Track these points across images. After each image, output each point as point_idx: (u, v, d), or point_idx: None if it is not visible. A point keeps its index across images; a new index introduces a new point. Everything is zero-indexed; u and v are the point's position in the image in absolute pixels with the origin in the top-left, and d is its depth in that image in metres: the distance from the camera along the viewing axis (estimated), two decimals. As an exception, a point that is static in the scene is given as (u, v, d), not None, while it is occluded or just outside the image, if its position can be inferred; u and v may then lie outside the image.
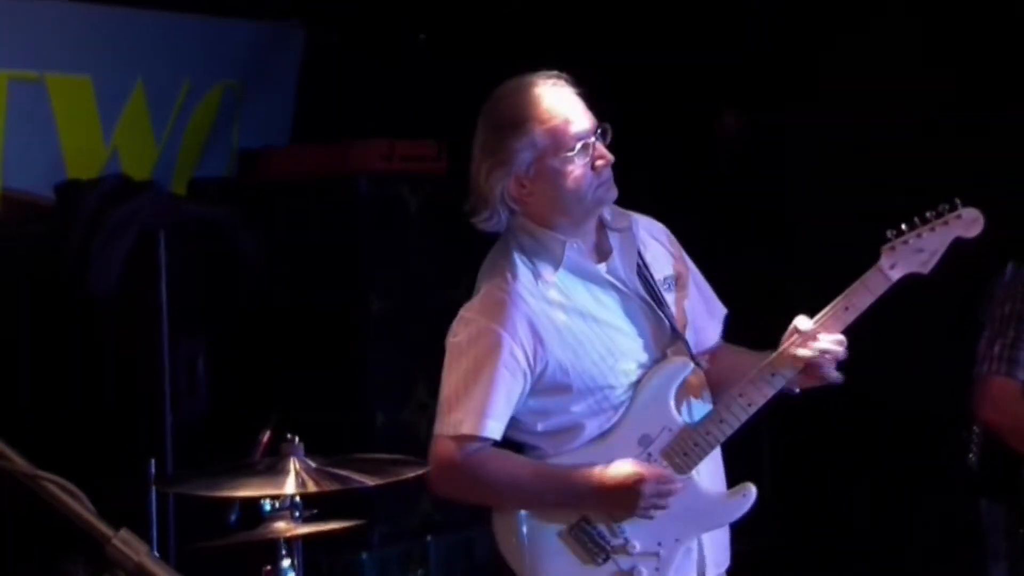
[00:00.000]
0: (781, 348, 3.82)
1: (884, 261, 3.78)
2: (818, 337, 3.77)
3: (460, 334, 3.85)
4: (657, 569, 3.81)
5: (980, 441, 4.89)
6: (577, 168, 3.75)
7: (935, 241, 3.79)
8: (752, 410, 3.80)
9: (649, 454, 3.80)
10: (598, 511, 3.81)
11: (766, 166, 7.04)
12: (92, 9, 6.18)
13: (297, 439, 3.98)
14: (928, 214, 3.78)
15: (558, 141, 3.75)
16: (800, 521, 6.79)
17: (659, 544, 3.81)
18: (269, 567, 3.97)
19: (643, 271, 3.88)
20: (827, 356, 3.78)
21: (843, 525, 6.80)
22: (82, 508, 2.04)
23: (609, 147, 3.81)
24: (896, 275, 3.79)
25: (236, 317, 6.15)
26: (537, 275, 3.82)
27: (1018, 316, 4.75)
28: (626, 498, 3.74)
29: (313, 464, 3.94)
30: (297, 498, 3.95)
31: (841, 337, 3.79)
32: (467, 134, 3.98)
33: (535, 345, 3.77)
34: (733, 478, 3.97)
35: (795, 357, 3.79)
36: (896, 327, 5.04)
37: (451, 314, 3.96)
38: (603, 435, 3.84)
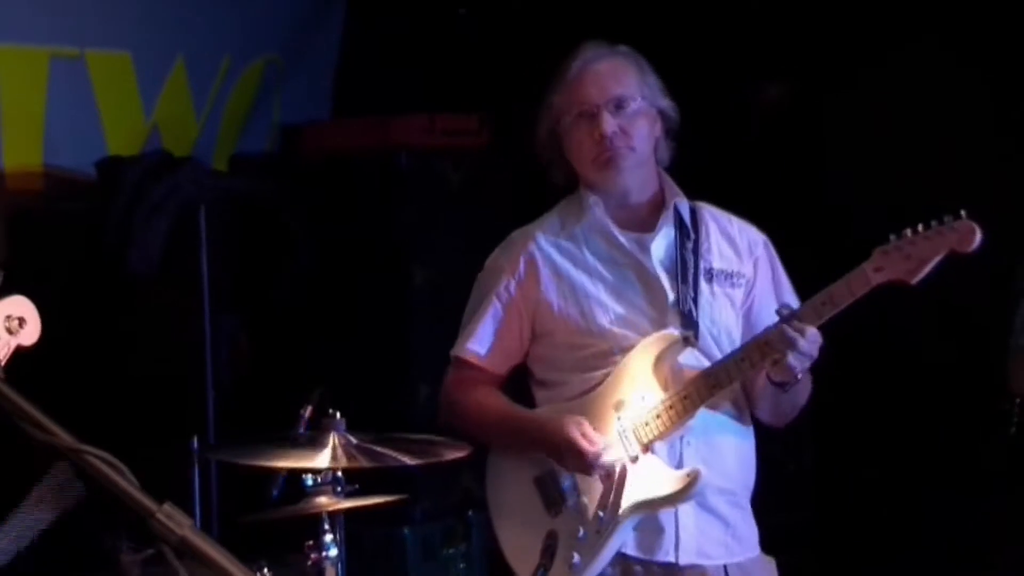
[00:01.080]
0: (757, 335, 3.81)
1: (871, 263, 3.71)
2: (791, 326, 3.70)
3: (480, 274, 4.13)
4: (596, 532, 3.81)
5: (1021, 413, 4.87)
6: (577, 135, 3.92)
7: (925, 250, 3.67)
8: (716, 391, 3.79)
9: (619, 419, 3.83)
10: (544, 452, 3.88)
11: (806, 140, 6.99)
12: (132, -15, 6.19)
13: (339, 414, 3.99)
14: (933, 222, 3.68)
15: (564, 106, 3.94)
16: (842, 496, 6.78)
17: (601, 509, 3.81)
18: (311, 541, 3.97)
19: (684, 253, 3.92)
20: (791, 347, 3.69)
21: (887, 502, 6.77)
22: (126, 482, 2.04)
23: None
24: (878, 279, 3.70)
25: (278, 292, 6.15)
26: (563, 226, 4.00)
27: None
28: (565, 453, 3.80)
29: (354, 439, 3.94)
30: (339, 473, 3.95)
31: (814, 331, 3.71)
32: (508, 107, 4.03)
33: (529, 284, 3.95)
34: (774, 455, 3.96)
35: (761, 344, 3.75)
36: (939, 304, 5.01)
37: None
38: (583, 393, 3.90)
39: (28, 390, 2.17)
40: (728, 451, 3.94)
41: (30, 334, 2.30)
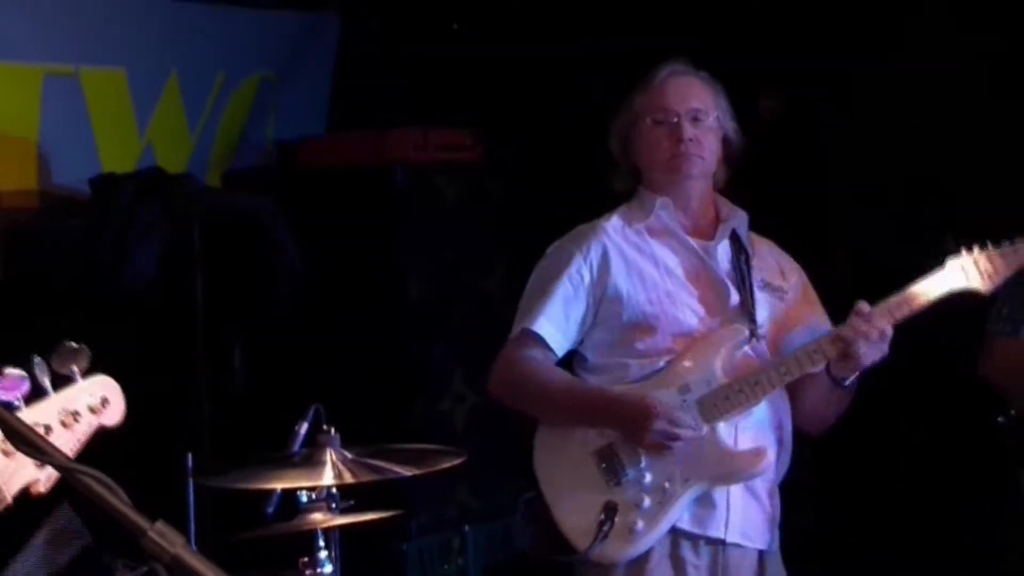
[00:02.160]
0: (836, 328, 3.99)
1: (948, 269, 3.98)
2: (863, 323, 3.91)
3: (542, 260, 4.21)
4: (660, 503, 3.96)
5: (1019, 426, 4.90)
6: (655, 136, 4.11)
7: (1001, 265, 3.99)
8: (787, 379, 3.99)
9: (684, 401, 3.98)
10: (614, 432, 3.99)
11: (805, 151, 7.00)
12: (126, 2, 6.19)
13: (333, 430, 3.99)
14: (1004, 241, 3.98)
15: (647, 108, 4.13)
16: (843, 501, 6.78)
17: (668, 481, 3.96)
18: (306, 558, 3.97)
19: (740, 263, 4.14)
20: (864, 339, 3.91)
21: (891, 508, 6.77)
22: (118, 501, 2.03)
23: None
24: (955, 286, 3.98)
25: (273, 309, 6.15)
26: (629, 222, 4.16)
27: None
28: (637, 426, 3.92)
29: (349, 455, 3.94)
30: (334, 489, 3.95)
31: (885, 327, 3.93)
32: (502, 122, 4.06)
33: (602, 269, 4.08)
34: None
35: (834, 336, 3.95)
36: (941, 308, 5.03)
37: (487, 303, 4.02)
38: (646, 377, 4.03)
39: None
40: (774, 444, 4.09)
41: (112, 415, 2.35)
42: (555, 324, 4.07)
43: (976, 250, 4.00)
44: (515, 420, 4.17)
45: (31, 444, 2.07)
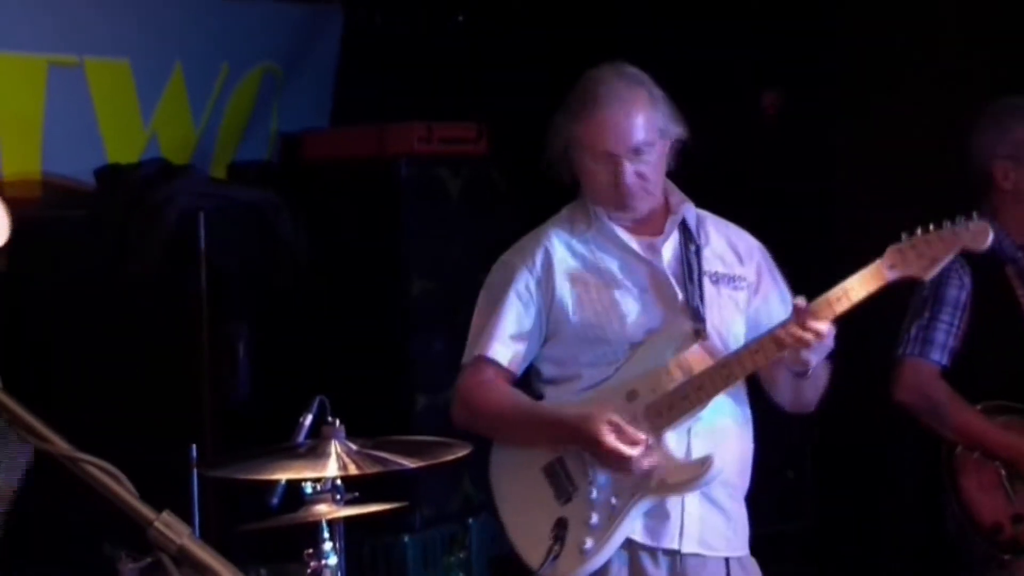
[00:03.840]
0: (772, 327, 3.91)
1: (885, 260, 3.87)
2: (798, 329, 3.82)
3: (489, 276, 4.19)
4: (608, 519, 3.92)
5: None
6: (597, 173, 4.03)
7: (939, 248, 3.86)
8: (732, 381, 3.92)
9: (633, 408, 3.93)
10: (568, 447, 3.96)
11: (810, 147, 6.99)
12: (130, -8, 6.19)
13: (338, 422, 3.99)
14: (944, 222, 3.86)
15: (582, 143, 4.02)
16: (842, 505, 6.76)
17: (615, 496, 3.92)
18: (311, 550, 3.96)
19: (688, 256, 4.03)
20: (805, 342, 3.82)
21: (888, 510, 6.76)
22: (124, 491, 2.03)
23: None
24: (892, 275, 3.87)
25: (277, 300, 6.14)
26: (572, 230, 4.11)
27: (934, 298, 4.79)
28: (588, 439, 3.88)
29: (354, 446, 3.94)
30: (338, 481, 3.95)
31: (825, 326, 3.83)
32: (506, 115, 4.05)
33: (547, 282, 4.04)
34: (774, 464, 4.01)
35: (776, 337, 3.86)
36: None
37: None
38: (595, 385, 4.00)
39: (27, 398, 2.16)
40: (731, 446, 4.04)
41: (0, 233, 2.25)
42: (507, 345, 4.05)
43: (911, 236, 3.88)
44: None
45: (33, 431, 2.07)
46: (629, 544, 3.95)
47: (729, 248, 4.15)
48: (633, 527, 3.93)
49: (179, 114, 6.43)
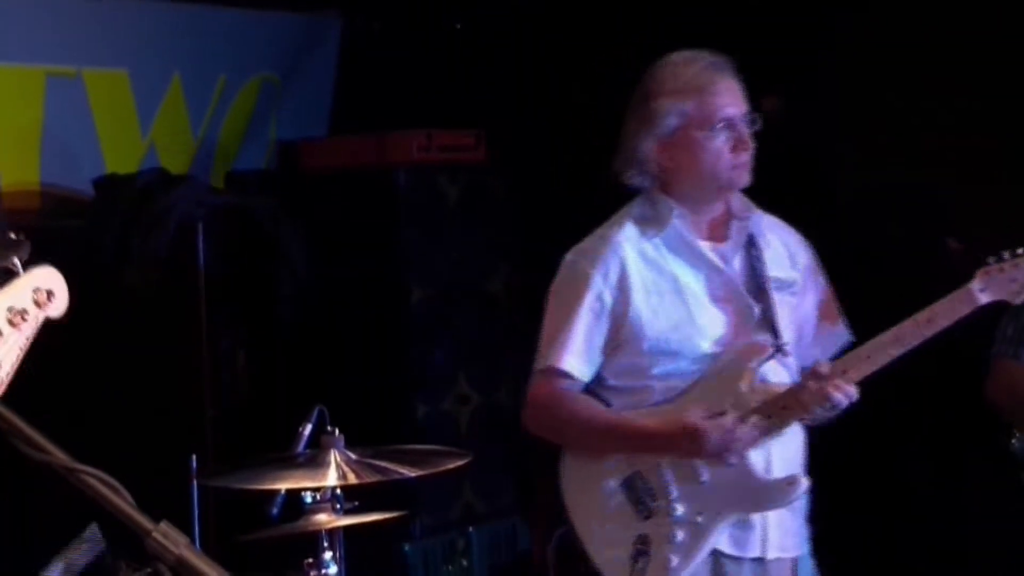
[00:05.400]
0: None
1: (976, 283, 3.84)
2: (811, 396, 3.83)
3: (558, 278, 4.05)
4: (693, 536, 3.88)
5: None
6: (718, 145, 3.91)
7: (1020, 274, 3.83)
8: (791, 423, 3.91)
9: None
10: (647, 460, 3.90)
11: (810, 149, 6.98)
12: (128, 3, 6.19)
13: (337, 431, 3.98)
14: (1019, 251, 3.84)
15: (706, 115, 3.92)
16: (842, 506, 6.75)
17: (699, 514, 3.89)
18: (311, 559, 3.96)
19: (754, 263, 4.00)
20: (826, 408, 3.86)
21: (888, 513, 6.75)
22: (122, 501, 2.02)
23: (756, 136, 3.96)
24: (985, 299, 3.84)
25: (276, 310, 6.14)
26: (643, 233, 3.98)
27: None
28: (688, 434, 3.83)
29: (353, 456, 3.93)
30: (338, 490, 3.94)
31: (832, 393, 3.82)
32: (505, 122, 4.01)
33: (622, 292, 3.94)
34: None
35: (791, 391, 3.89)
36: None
37: (491, 304, 3.99)
38: (669, 400, 3.93)
39: (25, 409, 2.16)
40: (800, 447, 4.05)
41: (58, 307, 2.27)
42: (580, 356, 3.97)
43: (999, 260, 3.85)
44: (519, 422, 4.16)
45: (33, 444, 2.07)
46: (714, 555, 3.93)
47: (785, 251, 4.10)
48: (719, 540, 3.91)
49: (177, 124, 6.43)
